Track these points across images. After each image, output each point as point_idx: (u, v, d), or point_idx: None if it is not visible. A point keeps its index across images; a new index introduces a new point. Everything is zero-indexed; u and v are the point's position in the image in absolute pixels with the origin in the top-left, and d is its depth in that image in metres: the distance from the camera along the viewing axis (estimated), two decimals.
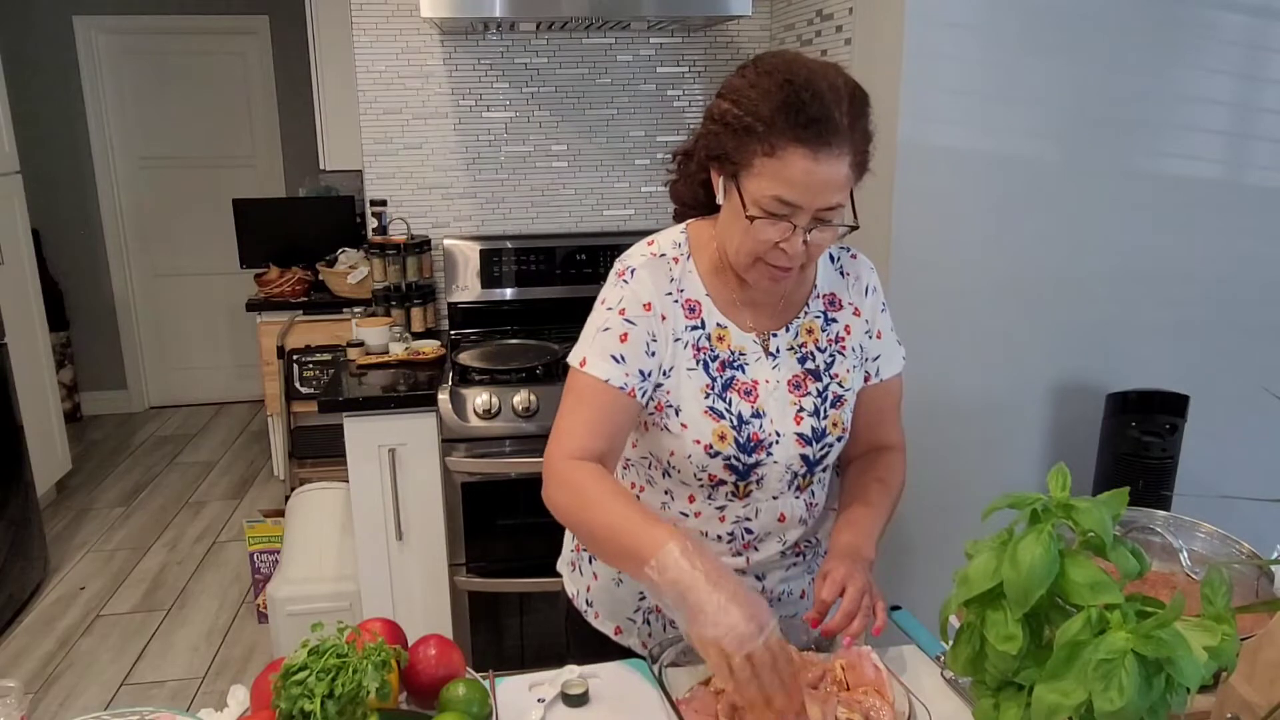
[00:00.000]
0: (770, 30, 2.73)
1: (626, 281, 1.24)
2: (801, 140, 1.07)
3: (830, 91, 1.08)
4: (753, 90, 1.12)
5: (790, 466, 1.26)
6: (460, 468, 2.25)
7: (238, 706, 1.09)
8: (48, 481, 3.97)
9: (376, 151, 2.68)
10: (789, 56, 1.14)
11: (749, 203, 1.13)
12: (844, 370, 1.29)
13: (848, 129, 1.09)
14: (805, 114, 1.07)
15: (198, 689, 2.82)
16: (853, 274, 1.33)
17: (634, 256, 1.27)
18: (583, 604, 1.43)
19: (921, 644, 1.24)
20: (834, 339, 1.29)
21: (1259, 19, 1.96)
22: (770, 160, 1.10)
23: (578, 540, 1.40)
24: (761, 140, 1.10)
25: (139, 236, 5.21)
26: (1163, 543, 1.22)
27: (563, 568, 1.50)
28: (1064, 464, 0.90)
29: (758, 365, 1.25)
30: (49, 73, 4.86)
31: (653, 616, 1.36)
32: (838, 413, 1.28)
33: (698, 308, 1.25)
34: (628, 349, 1.21)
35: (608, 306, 1.24)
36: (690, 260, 1.26)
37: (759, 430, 1.23)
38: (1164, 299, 2.07)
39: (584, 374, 1.21)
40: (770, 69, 1.13)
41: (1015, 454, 2.12)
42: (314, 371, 3.53)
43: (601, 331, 1.22)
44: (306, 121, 3.68)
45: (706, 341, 1.24)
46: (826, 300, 1.31)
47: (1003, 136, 1.94)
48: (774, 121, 1.08)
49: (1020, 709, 0.87)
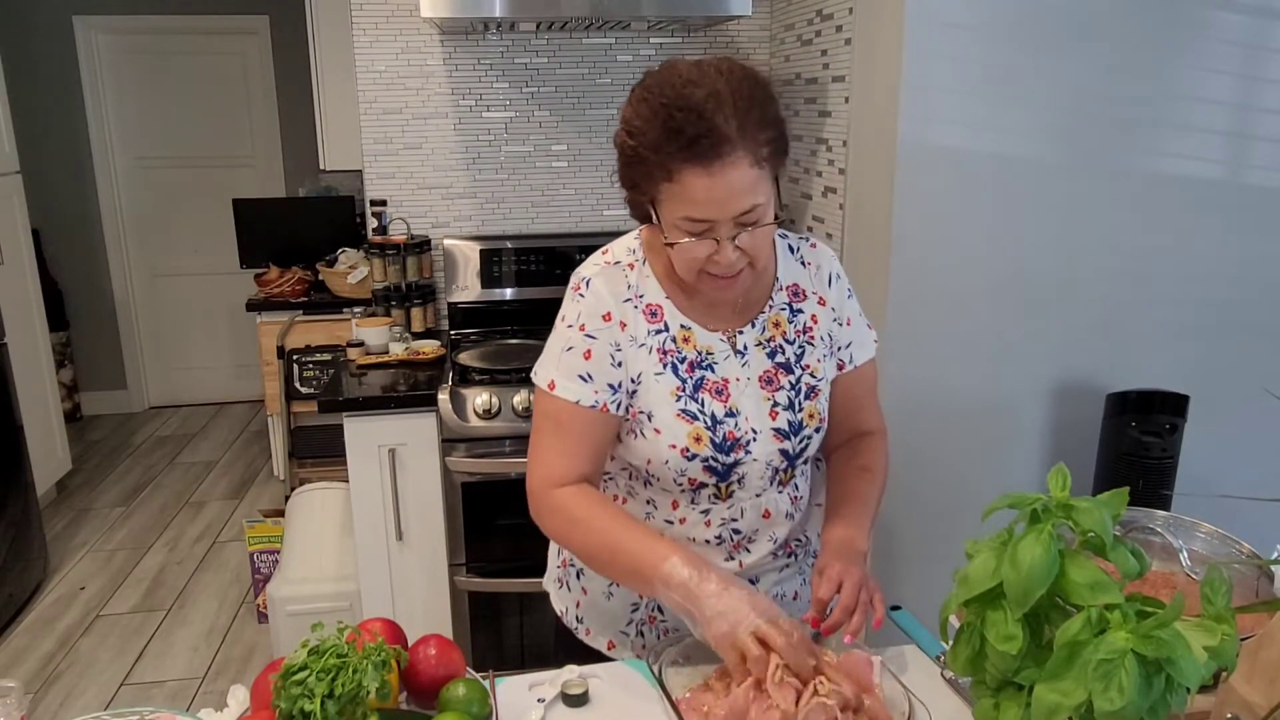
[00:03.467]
0: (770, 30, 2.73)
1: (582, 295, 1.23)
2: (690, 159, 1.07)
3: (709, 100, 1.06)
4: (638, 119, 1.11)
5: (770, 463, 1.25)
6: (460, 468, 2.25)
7: (238, 706, 1.09)
8: (48, 481, 3.97)
9: (376, 151, 2.68)
10: (666, 73, 1.12)
11: (666, 228, 1.14)
12: (814, 360, 1.28)
13: (737, 132, 1.06)
14: (685, 134, 1.06)
15: (198, 689, 2.82)
16: (814, 263, 1.32)
17: (588, 267, 1.27)
18: (572, 621, 1.41)
19: (921, 644, 1.24)
20: (801, 330, 1.29)
21: (1259, 19, 1.96)
22: (671, 185, 1.10)
23: (575, 560, 1.37)
24: (658, 168, 1.09)
25: (139, 236, 5.21)
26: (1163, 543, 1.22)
27: (549, 585, 1.48)
28: (1064, 464, 0.90)
29: (727, 364, 1.25)
30: (49, 73, 4.86)
31: (646, 628, 1.34)
32: (812, 404, 1.27)
33: (659, 311, 1.24)
34: (593, 366, 1.20)
35: (568, 324, 1.23)
36: (646, 265, 1.26)
37: (734, 429, 1.22)
38: (1164, 299, 2.07)
39: (554, 397, 1.21)
40: (649, 92, 1.11)
41: (1015, 454, 2.12)
42: (314, 371, 3.53)
43: (565, 352, 1.22)
44: (306, 121, 3.68)
45: (672, 344, 1.23)
46: (790, 291, 1.30)
47: (1003, 136, 1.94)
48: (661, 147, 1.08)
49: (1020, 709, 0.87)
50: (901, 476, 2.05)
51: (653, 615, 1.34)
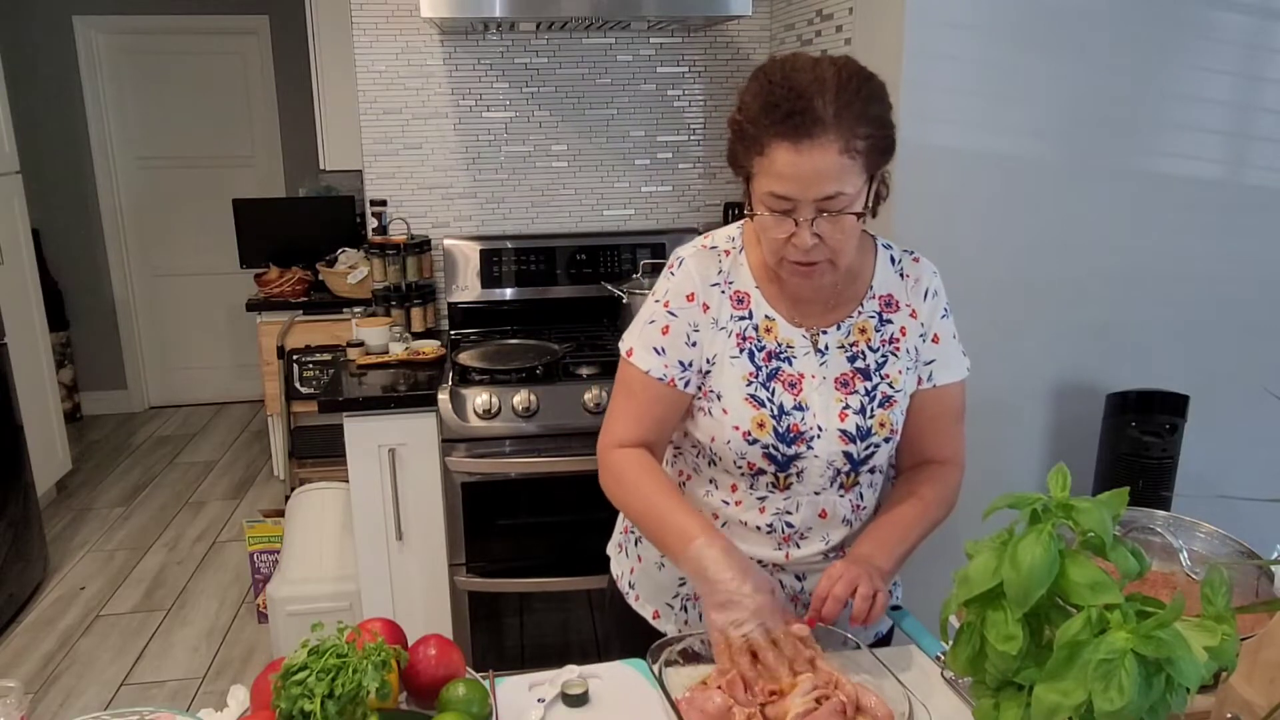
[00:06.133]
0: (770, 30, 2.73)
1: (674, 273, 1.29)
2: (781, 134, 1.10)
3: (814, 84, 1.10)
4: (747, 95, 1.16)
5: (832, 462, 1.26)
6: (460, 468, 2.25)
7: (238, 706, 1.09)
8: (48, 481, 3.97)
9: (376, 151, 2.68)
10: (786, 59, 1.16)
11: (754, 202, 1.18)
12: (895, 371, 1.28)
13: (833, 118, 1.09)
14: (781, 109, 1.10)
15: (198, 689, 2.82)
16: (913, 276, 1.32)
17: (686, 248, 1.32)
18: (625, 585, 1.46)
19: (921, 644, 1.24)
20: (888, 340, 1.29)
21: (1259, 19, 1.96)
22: (762, 159, 1.14)
23: (636, 528, 1.42)
24: (754, 141, 1.14)
25: (139, 236, 5.21)
26: (1163, 543, 1.22)
27: (611, 550, 1.54)
28: (1064, 464, 0.90)
29: (805, 359, 1.26)
30: (49, 73, 4.86)
31: (690, 603, 1.37)
32: (886, 413, 1.27)
33: (746, 299, 1.28)
34: (669, 341, 1.26)
35: (655, 299, 1.30)
36: (743, 254, 1.30)
37: (799, 422, 1.24)
38: (1164, 299, 2.07)
39: (630, 364, 1.29)
40: (763, 72, 1.16)
41: (1015, 454, 2.12)
42: (314, 371, 3.53)
43: (647, 324, 1.29)
44: (306, 121, 3.68)
45: (753, 331, 1.27)
46: (883, 301, 1.30)
47: (1003, 136, 1.94)
48: (759, 121, 1.12)
49: (1020, 709, 0.87)
50: None
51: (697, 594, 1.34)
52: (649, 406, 1.28)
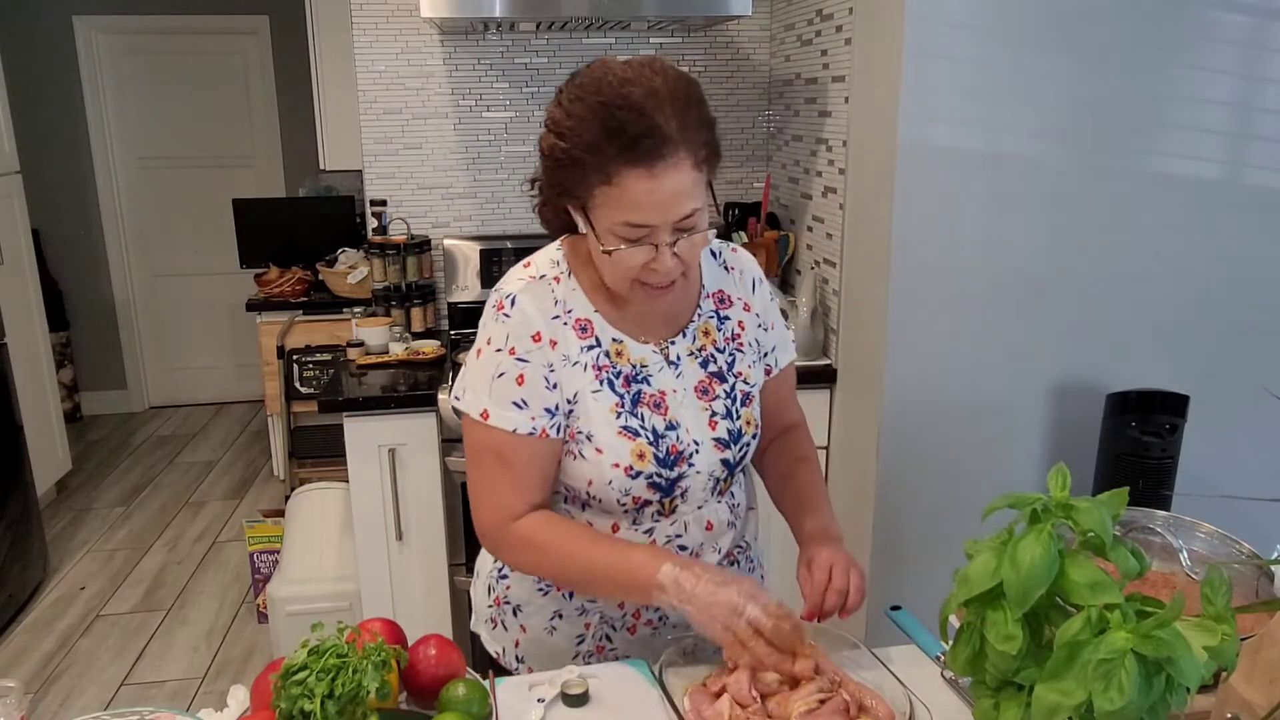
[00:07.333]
0: (770, 30, 2.73)
1: (508, 315, 1.16)
2: (633, 162, 1.02)
3: (649, 99, 1.03)
4: (570, 120, 1.06)
5: (712, 474, 1.23)
6: (460, 468, 2.25)
7: (238, 706, 1.09)
8: (48, 481, 3.97)
9: (376, 151, 2.68)
10: (598, 71, 1.08)
11: (603, 235, 1.09)
12: (745, 367, 1.28)
13: (678, 132, 1.03)
14: (627, 134, 1.02)
15: (198, 689, 2.82)
16: (737, 268, 1.31)
17: (511, 283, 1.20)
18: (511, 660, 1.34)
19: (921, 644, 1.24)
20: (730, 337, 1.28)
21: (1259, 19, 1.96)
22: (610, 189, 1.05)
23: (510, 598, 1.32)
24: (595, 171, 1.05)
25: (139, 236, 5.21)
26: (1163, 543, 1.22)
27: (480, 628, 1.39)
28: (1064, 464, 0.90)
29: (661, 375, 1.22)
30: (49, 73, 4.86)
31: (594, 659, 1.29)
32: (748, 410, 1.26)
33: (590, 326, 1.19)
34: (527, 391, 1.15)
35: (495, 348, 1.16)
36: (572, 278, 1.20)
37: (676, 442, 1.20)
38: (1164, 299, 2.07)
39: (490, 428, 1.15)
40: (583, 92, 1.06)
41: (1015, 454, 2.12)
42: (314, 371, 3.53)
43: (495, 379, 1.15)
44: (306, 121, 3.68)
45: (606, 359, 1.19)
46: (716, 298, 1.28)
47: (1003, 136, 1.94)
48: (600, 149, 1.03)
49: (1020, 709, 0.87)
50: (902, 476, 2.06)
51: (601, 645, 1.30)
52: (528, 468, 1.16)
